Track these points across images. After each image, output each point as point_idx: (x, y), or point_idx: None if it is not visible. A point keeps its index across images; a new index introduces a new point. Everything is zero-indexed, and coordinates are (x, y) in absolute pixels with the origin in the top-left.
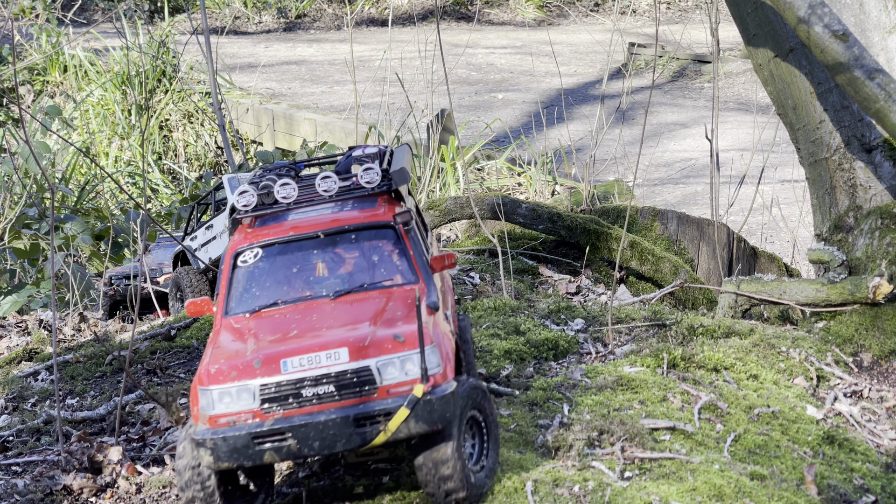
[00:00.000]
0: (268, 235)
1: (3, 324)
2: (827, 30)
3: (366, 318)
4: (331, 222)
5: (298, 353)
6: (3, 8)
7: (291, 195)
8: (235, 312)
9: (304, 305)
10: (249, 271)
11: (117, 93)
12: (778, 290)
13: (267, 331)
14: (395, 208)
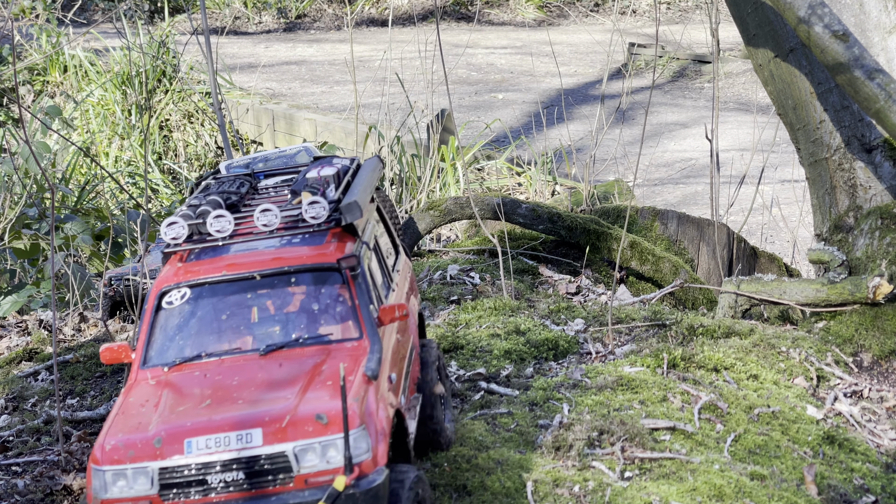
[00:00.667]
0: (198, 273)
1: (3, 324)
2: (827, 30)
3: (292, 386)
4: (271, 261)
5: (206, 431)
6: (3, 8)
7: (226, 229)
8: (154, 364)
9: (229, 362)
10: (175, 314)
11: (117, 93)
12: (778, 290)
13: (179, 395)
14: (347, 246)
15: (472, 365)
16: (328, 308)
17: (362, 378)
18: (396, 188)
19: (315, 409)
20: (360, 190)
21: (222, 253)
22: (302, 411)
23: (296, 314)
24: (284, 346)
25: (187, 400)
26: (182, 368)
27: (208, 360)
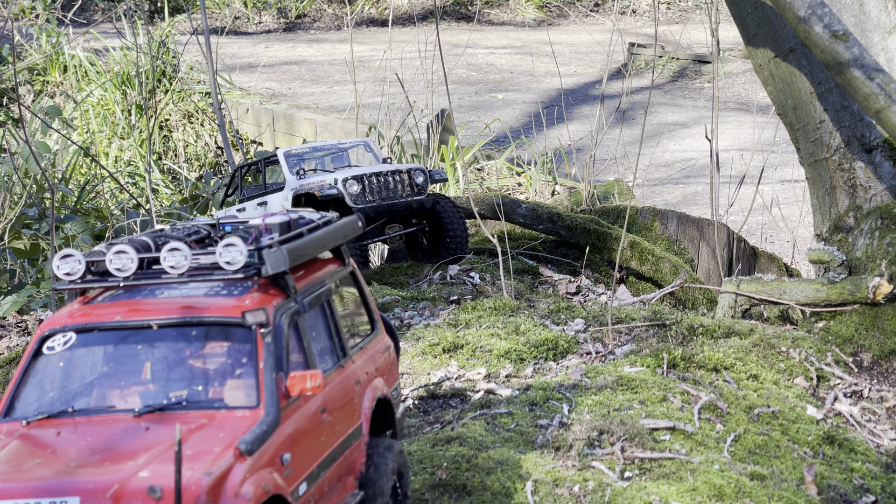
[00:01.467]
0: (89, 317)
1: (3, 324)
2: (827, 30)
3: (144, 453)
4: (177, 310)
5: (11, 496)
6: (3, 8)
7: (128, 268)
8: (15, 416)
9: (97, 420)
10: (54, 362)
11: (117, 93)
12: (778, 290)
13: (15, 454)
14: (268, 301)
15: (472, 365)
16: (228, 369)
17: (233, 451)
18: None
19: (152, 481)
20: (306, 242)
21: (136, 295)
22: (134, 483)
23: (189, 373)
24: (164, 409)
25: (19, 460)
26: (42, 424)
27: (76, 416)
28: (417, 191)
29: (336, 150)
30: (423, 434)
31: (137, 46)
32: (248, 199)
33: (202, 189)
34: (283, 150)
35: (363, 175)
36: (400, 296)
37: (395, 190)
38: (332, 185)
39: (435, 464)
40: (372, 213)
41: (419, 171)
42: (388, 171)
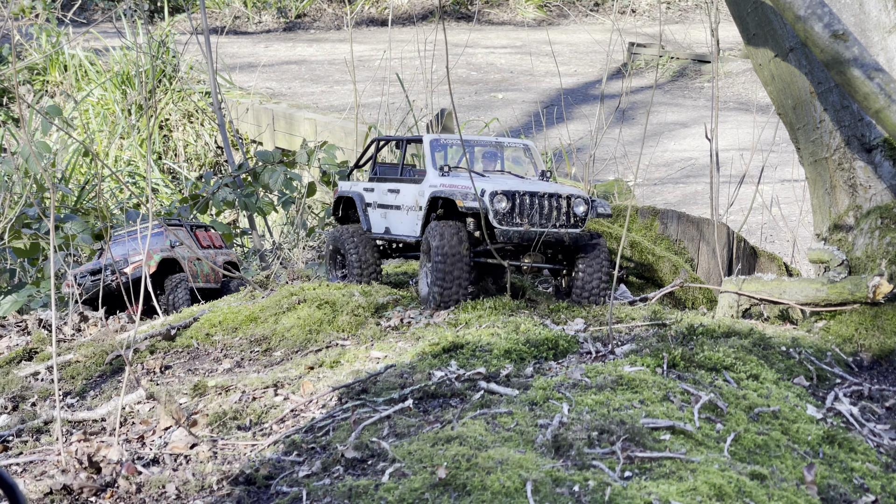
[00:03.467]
0: None
1: (3, 324)
2: (826, 29)
3: None
4: None
5: None
6: (3, 8)
7: None
8: None
9: None
10: None
11: (117, 93)
12: (778, 289)
13: None
14: None
15: (472, 364)
16: None
17: None
18: None
19: None
20: None
21: None
22: None
23: None
24: None
25: None
26: None
27: None
28: (574, 222)
29: (492, 147)
30: (423, 434)
31: (137, 46)
32: (380, 179)
33: (202, 189)
34: (430, 138)
35: (516, 192)
36: (400, 295)
37: (548, 216)
38: (474, 197)
39: (435, 463)
40: (516, 238)
41: (581, 199)
42: (545, 192)
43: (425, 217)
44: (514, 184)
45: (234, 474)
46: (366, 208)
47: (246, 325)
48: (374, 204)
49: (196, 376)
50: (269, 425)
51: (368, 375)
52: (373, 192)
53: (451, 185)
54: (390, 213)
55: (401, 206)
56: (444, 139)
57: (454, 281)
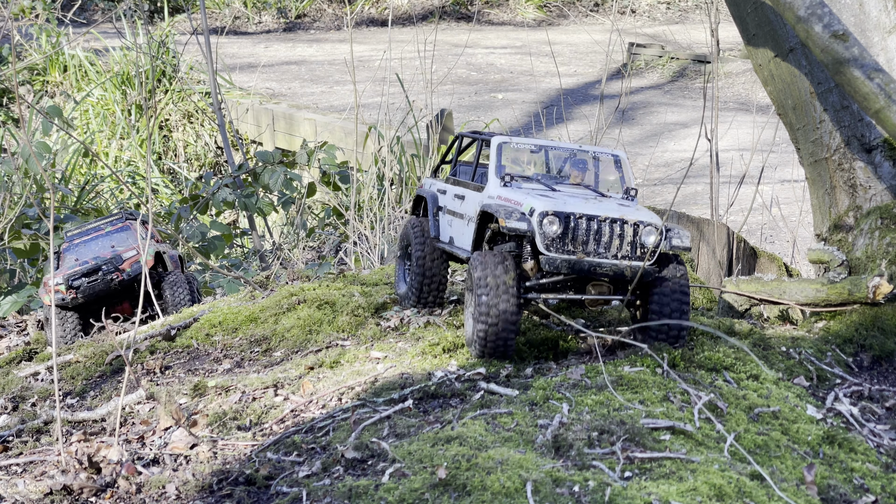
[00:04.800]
0: None
1: (3, 324)
2: (826, 29)
3: None
4: None
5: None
6: (3, 8)
7: None
8: None
9: None
10: None
11: (117, 93)
12: (778, 290)
13: None
14: None
15: (472, 365)
16: None
17: None
18: (396, 188)
19: None
20: None
21: None
22: None
23: None
24: None
25: None
26: None
27: None
28: (640, 254)
29: (575, 155)
30: (423, 434)
31: (137, 46)
32: (452, 181)
33: (202, 189)
34: (499, 140)
35: (570, 214)
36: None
37: (608, 244)
38: (523, 216)
39: (435, 463)
40: (564, 269)
41: (652, 227)
42: (606, 216)
43: (475, 233)
44: (575, 204)
45: (235, 474)
46: (437, 212)
47: (246, 326)
48: (444, 208)
49: (196, 376)
50: (269, 425)
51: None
52: (445, 195)
53: (507, 198)
54: (455, 222)
55: (463, 216)
56: (516, 143)
57: (499, 318)
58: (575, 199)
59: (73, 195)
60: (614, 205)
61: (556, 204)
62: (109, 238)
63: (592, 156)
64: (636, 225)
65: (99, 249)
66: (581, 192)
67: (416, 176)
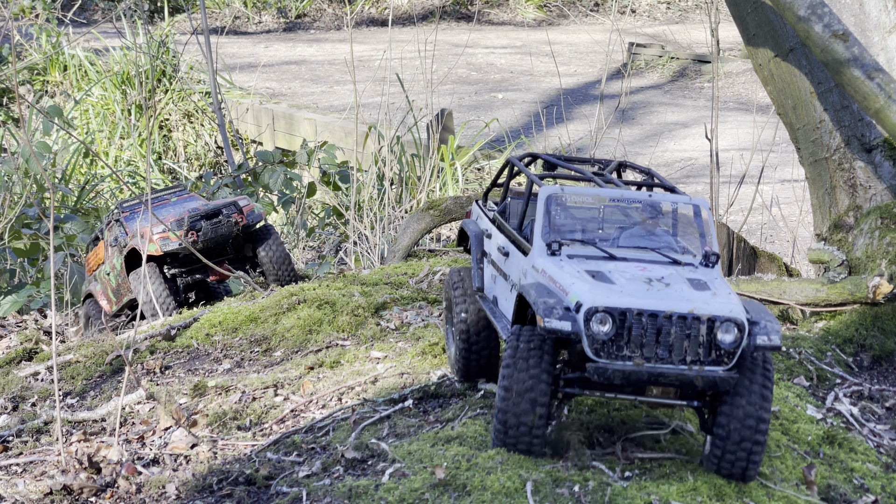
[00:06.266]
0: None
1: (3, 324)
2: (827, 29)
3: None
4: None
5: None
6: (3, 8)
7: None
8: None
9: None
10: None
11: (117, 93)
12: (778, 289)
13: None
14: None
15: None
16: None
17: None
18: (396, 188)
19: None
20: None
21: None
22: None
23: None
24: None
25: None
26: None
27: None
28: (717, 357)
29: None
30: (423, 434)
31: (137, 46)
32: (498, 225)
33: (202, 189)
34: (548, 192)
35: (627, 311)
36: (400, 296)
37: (675, 347)
38: (567, 312)
39: (435, 463)
40: (618, 379)
41: (731, 323)
42: (673, 311)
43: (514, 313)
44: (634, 289)
45: (235, 474)
46: (482, 257)
47: (246, 326)
48: (489, 255)
49: (196, 376)
50: (269, 425)
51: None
52: (490, 241)
53: (552, 277)
54: (499, 280)
55: (507, 277)
56: (571, 197)
57: (520, 417)
58: (636, 282)
59: (73, 195)
60: (686, 288)
61: (611, 293)
62: (181, 205)
63: (665, 205)
64: (711, 322)
65: (181, 210)
66: (645, 264)
67: (416, 176)
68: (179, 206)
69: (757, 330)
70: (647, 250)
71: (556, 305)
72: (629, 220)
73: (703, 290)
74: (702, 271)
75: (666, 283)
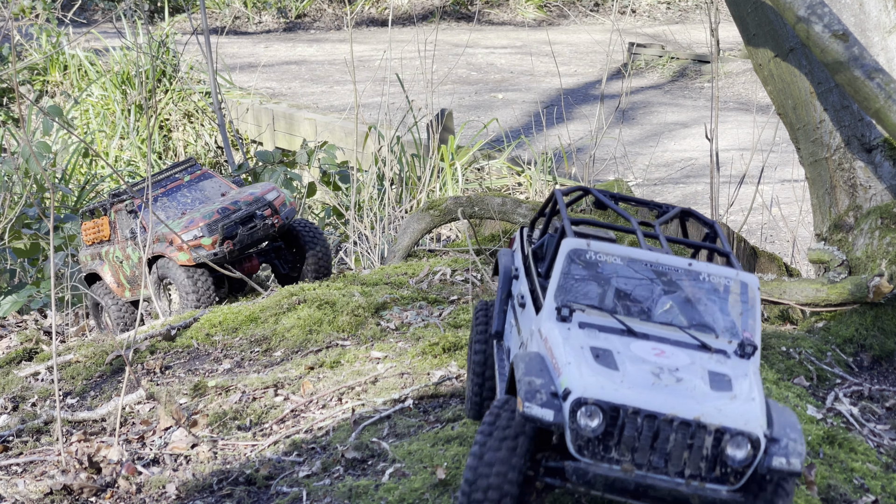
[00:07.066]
0: None
1: (3, 324)
2: (827, 29)
3: None
4: None
5: None
6: (3, 8)
7: None
8: None
9: None
10: None
11: (117, 93)
12: (778, 289)
13: None
14: None
15: None
16: None
17: None
18: (396, 188)
19: None
20: None
21: None
22: None
23: None
24: None
25: None
26: None
27: None
28: (722, 475)
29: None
30: (423, 434)
31: (137, 46)
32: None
33: None
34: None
35: (622, 408)
36: (400, 296)
37: (674, 457)
38: (552, 398)
39: (435, 463)
40: (600, 486)
41: (743, 438)
42: (673, 417)
43: (508, 381)
44: (638, 379)
45: (235, 474)
46: (507, 297)
47: (246, 326)
48: (514, 299)
49: (196, 376)
50: (269, 425)
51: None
52: (517, 282)
53: (550, 348)
54: (514, 332)
55: (521, 331)
56: (597, 255)
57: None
58: (642, 370)
59: (73, 195)
60: (700, 385)
61: (607, 383)
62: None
63: (708, 276)
64: (720, 432)
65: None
66: (665, 346)
67: (416, 176)
68: (195, 190)
69: (775, 449)
70: (676, 328)
71: (541, 389)
72: (664, 289)
73: (722, 389)
74: (732, 363)
75: (678, 378)
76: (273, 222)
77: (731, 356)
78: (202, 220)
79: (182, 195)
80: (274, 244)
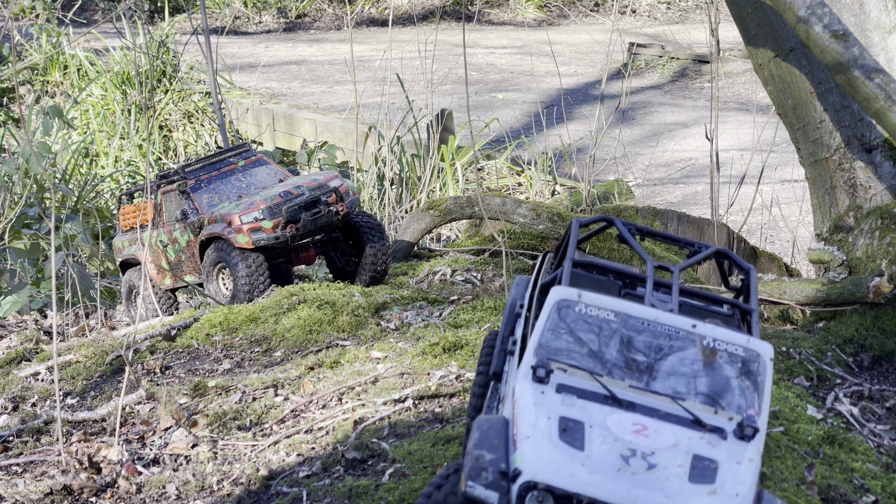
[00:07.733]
0: None
1: (3, 324)
2: (827, 30)
3: None
4: None
5: None
6: (3, 8)
7: None
8: None
9: None
10: None
11: (117, 93)
12: (778, 290)
13: None
14: None
15: (472, 365)
16: None
17: None
18: (396, 188)
19: None
20: None
21: None
22: None
23: None
24: None
25: None
26: None
27: None
28: None
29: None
30: (423, 434)
31: (137, 46)
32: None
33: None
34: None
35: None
36: (400, 296)
37: None
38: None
39: (435, 463)
40: None
41: None
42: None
43: None
44: (596, 468)
45: (235, 474)
46: (509, 335)
47: (246, 326)
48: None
49: (196, 376)
50: (269, 425)
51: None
52: (519, 319)
53: (516, 416)
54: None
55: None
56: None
57: None
58: (610, 452)
59: (73, 195)
60: (675, 476)
61: (565, 465)
62: (251, 173)
63: (713, 343)
64: None
65: (259, 183)
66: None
67: (416, 176)
68: (249, 175)
69: None
70: (669, 398)
71: (489, 465)
72: (664, 351)
73: (701, 481)
74: (726, 446)
75: (650, 465)
76: (338, 210)
77: (728, 436)
78: (263, 203)
79: (236, 179)
80: (332, 235)
